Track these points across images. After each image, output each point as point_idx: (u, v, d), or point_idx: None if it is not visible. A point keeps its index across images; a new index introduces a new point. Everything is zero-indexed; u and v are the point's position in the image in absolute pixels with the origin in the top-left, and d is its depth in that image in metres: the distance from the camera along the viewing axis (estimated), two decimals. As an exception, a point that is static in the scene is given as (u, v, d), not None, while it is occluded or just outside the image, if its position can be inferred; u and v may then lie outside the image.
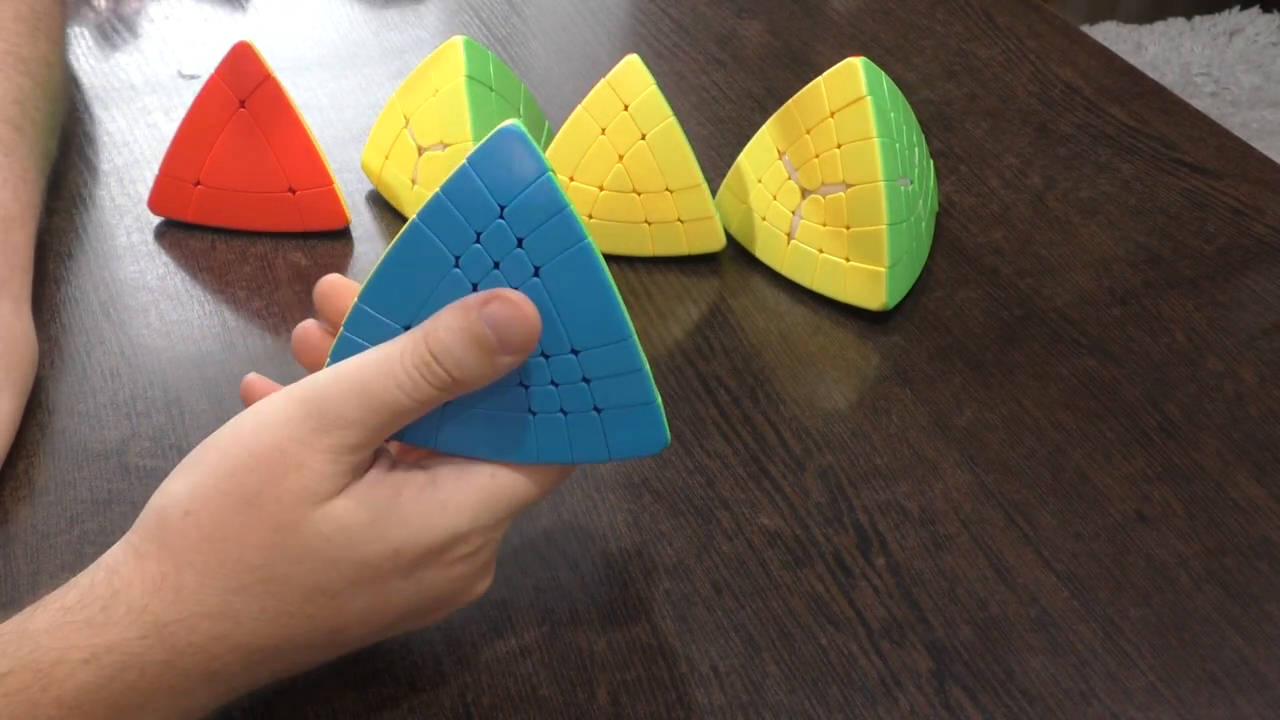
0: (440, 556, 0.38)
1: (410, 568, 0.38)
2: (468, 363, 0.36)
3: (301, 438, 0.36)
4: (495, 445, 0.39)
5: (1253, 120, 1.98)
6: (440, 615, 0.41)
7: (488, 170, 0.37)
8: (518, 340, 0.36)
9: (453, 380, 0.36)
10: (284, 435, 0.36)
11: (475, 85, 0.60)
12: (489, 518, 0.38)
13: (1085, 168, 0.70)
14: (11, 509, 0.48)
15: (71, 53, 0.75)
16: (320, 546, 0.36)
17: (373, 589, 0.37)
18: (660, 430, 0.39)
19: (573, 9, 0.83)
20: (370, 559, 0.37)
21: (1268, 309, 0.61)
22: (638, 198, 0.60)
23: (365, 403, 0.36)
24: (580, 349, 0.38)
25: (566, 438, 0.39)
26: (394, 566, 0.37)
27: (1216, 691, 0.44)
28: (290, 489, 0.35)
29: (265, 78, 0.59)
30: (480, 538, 0.39)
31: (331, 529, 0.36)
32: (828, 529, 0.49)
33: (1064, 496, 0.51)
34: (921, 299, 0.61)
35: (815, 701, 0.43)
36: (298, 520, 0.36)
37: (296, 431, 0.36)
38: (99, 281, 0.59)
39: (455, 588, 0.39)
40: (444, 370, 0.36)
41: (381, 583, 0.37)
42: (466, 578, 0.40)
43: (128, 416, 0.52)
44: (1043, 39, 0.82)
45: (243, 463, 0.36)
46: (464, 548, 0.38)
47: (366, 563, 0.37)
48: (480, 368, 0.36)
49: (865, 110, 0.56)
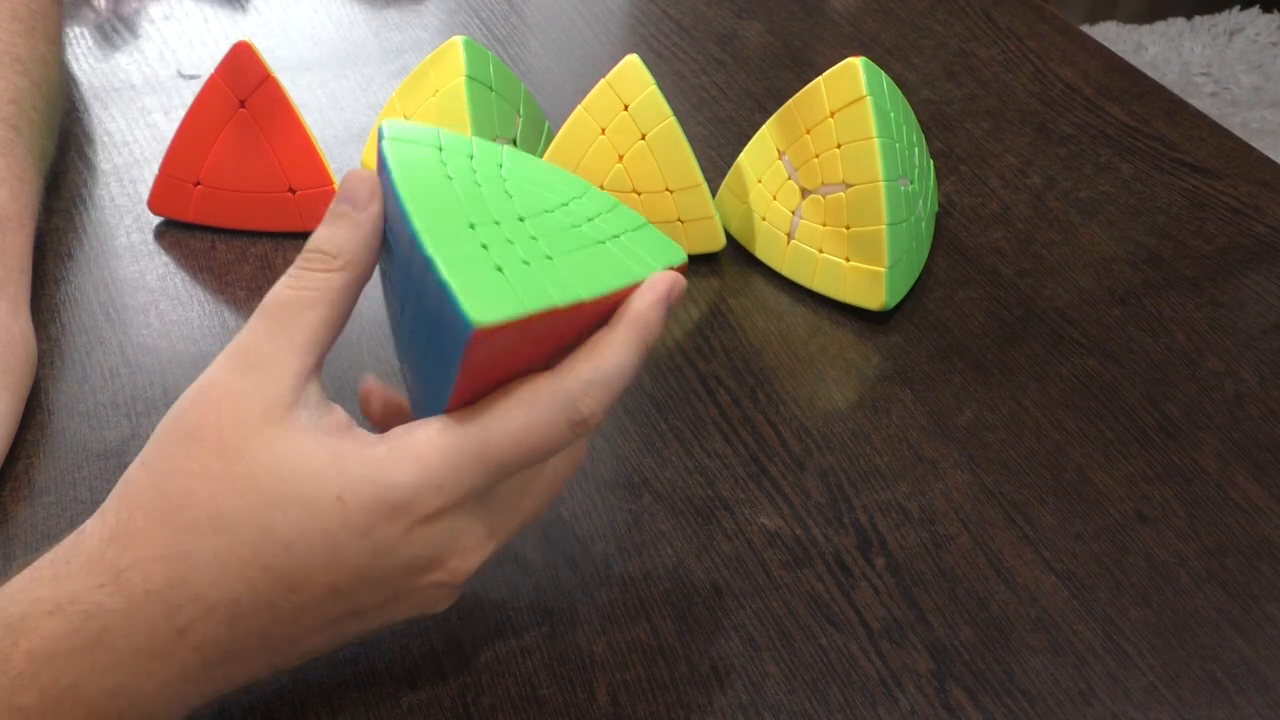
0: (394, 516, 0.36)
1: (363, 525, 0.36)
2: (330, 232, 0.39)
3: (228, 369, 0.38)
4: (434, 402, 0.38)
5: (1253, 120, 1.98)
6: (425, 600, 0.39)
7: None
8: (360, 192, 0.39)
9: (327, 255, 0.39)
10: (215, 372, 0.38)
11: (475, 85, 0.60)
12: (442, 472, 0.37)
13: (1085, 168, 0.70)
14: (11, 509, 0.48)
15: (71, 52, 0.75)
16: (260, 476, 0.36)
17: (326, 544, 0.36)
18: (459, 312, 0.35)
19: (573, 9, 0.83)
20: (316, 505, 0.36)
21: (1268, 309, 0.61)
22: (638, 198, 0.60)
23: (263, 314, 0.38)
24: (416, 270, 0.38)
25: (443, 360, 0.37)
26: (342, 518, 0.36)
27: (1216, 692, 0.44)
28: (226, 415, 0.36)
29: (265, 78, 0.59)
30: (438, 498, 0.37)
31: (272, 458, 0.36)
32: (828, 529, 0.49)
33: (1064, 496, 0.51)
34: (921, 299, 0.61)
35: (815, 702, 0.43)
36: (238, 445, 0.36)
37: (223, 366, 0.38)
38: (99, 281, 0.59)
39: (426, 556, 0.37)
40: (316, 250, 0.39)
41: (333, 536, 0.36)
42: (438, 546, 0.37)
43: (128, 416, 0.52)
44: (1043, 39, 0.82)
45: (183, 404, 0.38)
46: (423, 507, 0.37)
47: (312, 509, 0.36)
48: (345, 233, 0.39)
49: (865, 110, 0.56)
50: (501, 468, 0.38)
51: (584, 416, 0.38)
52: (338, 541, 0.36)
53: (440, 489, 0.37)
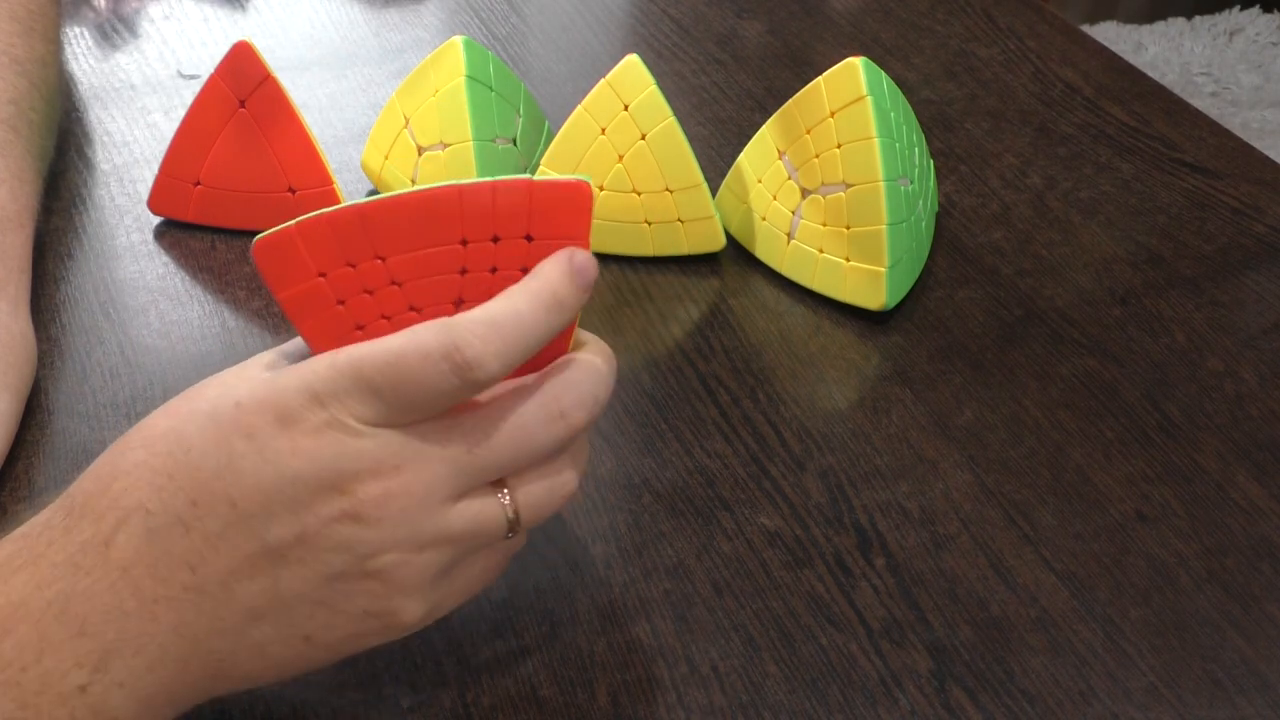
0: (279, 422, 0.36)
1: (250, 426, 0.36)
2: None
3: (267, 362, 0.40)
4: None
5: (1253, 120, 1.98)
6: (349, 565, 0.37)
7: None
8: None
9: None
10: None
11: (475, 85, 0.60)
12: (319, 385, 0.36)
13: (1085, 168, 0.70)
14: (11, 509, 0.48)
15: (71, 53, 0.75)
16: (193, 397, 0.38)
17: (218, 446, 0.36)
18: None
19: (573, 9, 0.83)
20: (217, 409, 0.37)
21: (1268, 309, 0.61)
22: (638, 198, 0.60)
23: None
24: None
25: None
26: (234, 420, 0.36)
27: (1217, 692, 0.44)
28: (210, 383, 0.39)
29: (265, 78, 0.59)
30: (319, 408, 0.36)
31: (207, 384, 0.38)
32: (828, 529, 0.49)
33: (1064, 496, 0.51)
34: (921, 299, 0.61)
35: (815, 701, 0.43)
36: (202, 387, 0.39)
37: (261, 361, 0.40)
38: (99, 281, 0.59)
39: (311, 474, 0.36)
40: None
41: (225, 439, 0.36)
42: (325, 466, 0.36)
43: (127, 416, 0.52)
44: (1043, 39, 0.82)
45: None
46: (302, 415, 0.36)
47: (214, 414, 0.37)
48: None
49: (865, 110, 0.56)
50: (375, 388, 0.36)
51: (465, 356, 0.36)
52: (230, 445, 0.36)
53: (318, 397, 0.36)
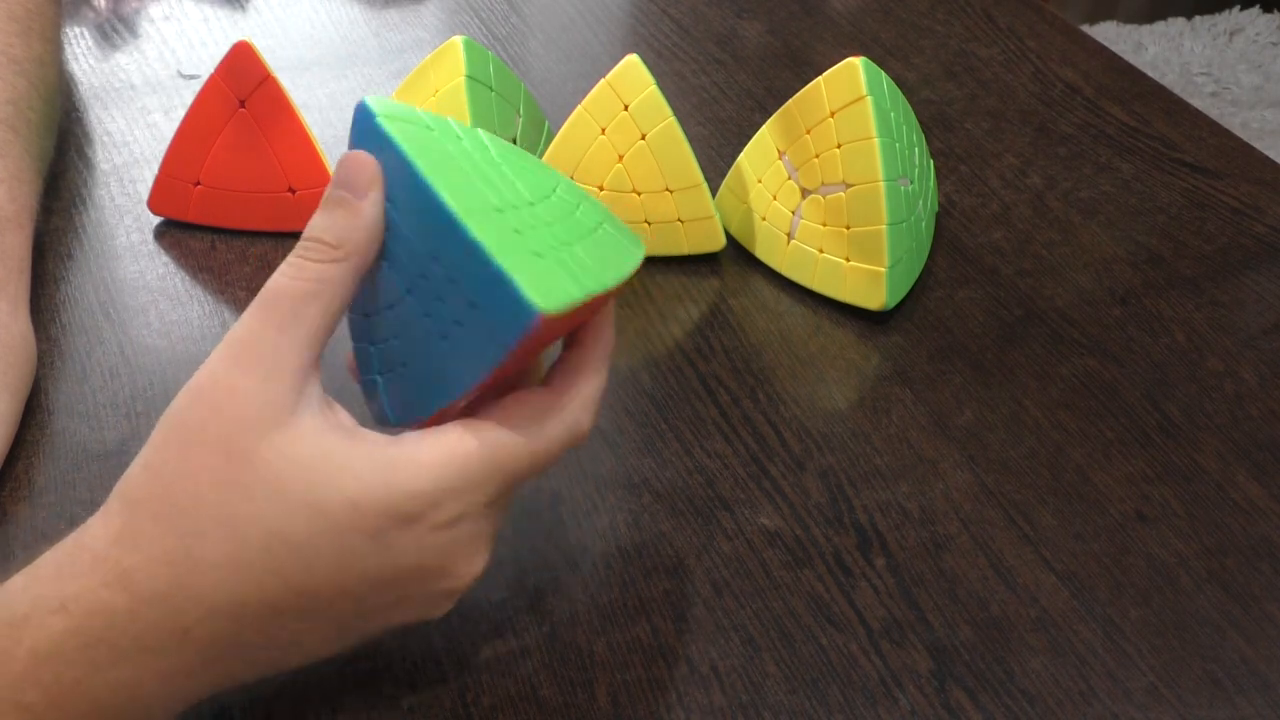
0: (410, 522, 0.36)
1: (375, 529, 0.36)
2: (329, 221, 0.38)
3: (226, 366, 0.37)
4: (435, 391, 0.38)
5: (1253, 120, 1.98)
6: (428, 604, 0.39)
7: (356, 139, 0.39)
8: (360, 178, 0.38)
9: (328, 245, 0.37)
10: (212, 369, 0.37)
11: (475, 85, 0.60)
12: (459, 480, 0.37)
13: (1085, 168, 0.70)
14: (11, 509, 0.48)
15: (71, 52, 0.75)
16: (272, 481, 0.36)
17: (337, 546, 0.36)
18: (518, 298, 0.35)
19: (573, 9, 0.83)
20: (327, 507, 0.36)
21: (1268, 309, 0.61)
22: (638, 198, 0.60)
23: (261, 306, 0.37)
24: (437, 255, 0.37)
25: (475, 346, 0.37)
26: (355, 523, 0.36)
27: (1217, 692, 0.44)
28: (230, 418, 0.36)
29: (265, 78, 0.59)
30: (456, 504, 0.37)
31: (283, 463, 0.36)
32: (828, 529, 0.49)
33: (1064, 496, 0.51)
34: (921, 299, 0.61)
35: (815, 701, 0.43)
36: (247, 450, 0.36)
37: (222, 362, 0.37)
38: (99, 281, 0.59)
39: (435, 563, 0.37)
40: (315, 240, 0.38)
41: (345, 540, 0.36)
42: (447, 553, 0.38)
43: (127, 416, 0.52)
44: (1043, 39, 0.82)
45: (182, 405, 0.37)
46: (437, 515, 0.37)
47: (324, 511, 0.36)
48: (341, 220, 0.38)
49: (865, 110, 0.56)
50: (513, 480, 0.38)
51: (583, 432, 0.40)
52: (348, 544, 0.36)
53: (456, 497, 0.37)
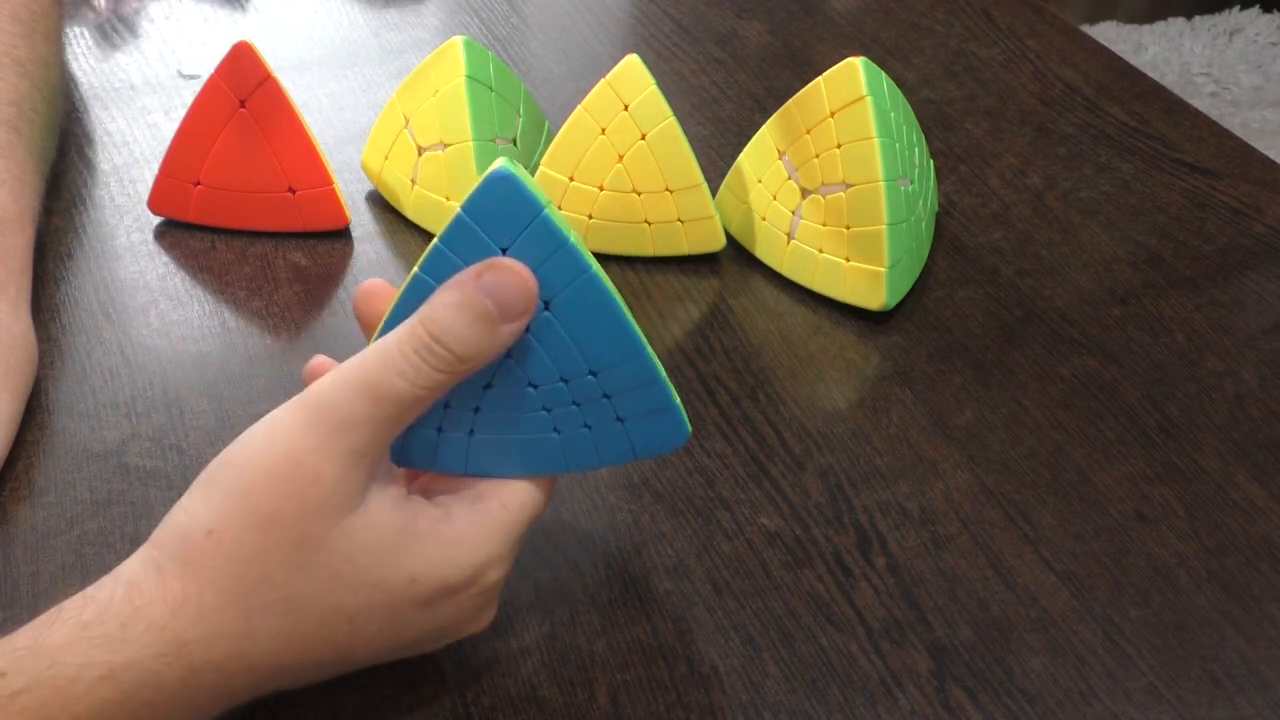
0: (458, 590, 0.39)
1: (427, 599, 0.38)
2: (470, 338, 0.36)
3: (313, 446, 0.35)
4: (525, 463, 0.41)
5: (1253, 120, 1.98)
6: (442, 644, 0.42)
7: (483, 215, 0.37)
8: (517, 305, 0.36)
9: (456, 358, 0.36)
10: (296, 445, 0.36)
11: (475, 85, 0.60)
12: (501, 549, 0.40)
13: (1085, 168, 0.70)
14: (11, 509, 0.48)
15: (71, 52, 0.75)
16: (340, 566, 0.36)
17: (389, 615, 0.38)
18: (681, 427, 0.41)
19: (573, 9, 0.83)
20: (388, 584, 0.37)
21: (1268, 309, 0.61)
22: (638, 198, 0.60)
23: (370, 398, 0.36)
24: (598, 370, 0.39)
25: (593, 448, 0.41)
26: (411, 595, 0.38)
27: (1216, 692, 0.44)
28: (309, 503, 0.35)
29: (265, 78, 0.59)
30: (496, 571, 0.40)
31: (352, 548, 0.36)
32: (828, 529, 0.49)
33: (1064, 496, 0.51)
34: (921, 299, 0.61)
35: (815, 701, 0.43)
36: (320, 536, 0.36)
37: (308, 440, 0.36)
38: (99, 281, 0.59)
39: (464, 619, 0.40)
40: (446, 350, 0.36)
41: (398, 610, 0.38)
42: (478, 607, 0.41)
43: (128, 416, 0.52)
44: (1043, 39, 0.82)
45: (260, 480, 0.36)
46: (483, 581, 0.39)
47: (384, 588, 0.37)
48: (483, 340, 0.36)
49: (865, 110, 0.56)
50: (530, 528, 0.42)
51: None
52: (400, 612, 0.38)
53: (498, 565, 0.40)
